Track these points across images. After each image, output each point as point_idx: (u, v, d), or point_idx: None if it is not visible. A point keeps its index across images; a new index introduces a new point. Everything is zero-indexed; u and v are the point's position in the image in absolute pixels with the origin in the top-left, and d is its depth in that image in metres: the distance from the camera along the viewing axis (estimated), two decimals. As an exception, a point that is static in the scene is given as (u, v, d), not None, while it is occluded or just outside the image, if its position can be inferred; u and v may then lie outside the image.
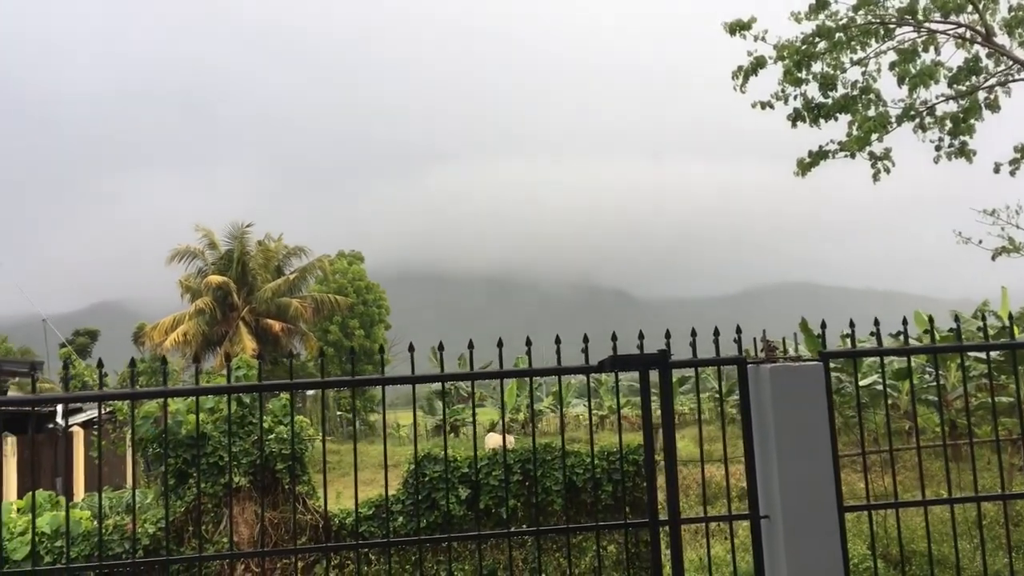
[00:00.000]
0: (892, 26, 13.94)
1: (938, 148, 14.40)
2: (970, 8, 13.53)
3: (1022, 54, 13.47)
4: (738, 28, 14.01)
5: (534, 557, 9.65)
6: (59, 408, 21.12)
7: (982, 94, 13.99)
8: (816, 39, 13.95)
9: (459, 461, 10.15)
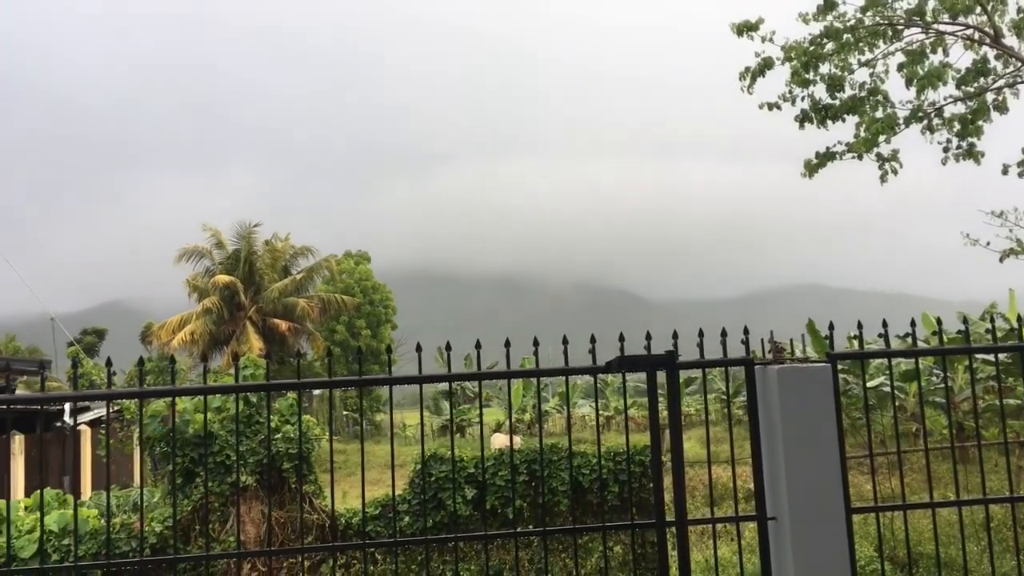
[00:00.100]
0: (900, 27, 13.91)
1: (946, 150, 14.37)
2: (978, 10, 13.49)
3: (1031, 55, 13.43)
4: (746, 29, 13.99)
5: (540, 557, 9.65)
6: (67, 407, 21.20)
7: (990, 96, 13.95)
8: (824, 40, 13.92)
9: (465, 461, 10.14)
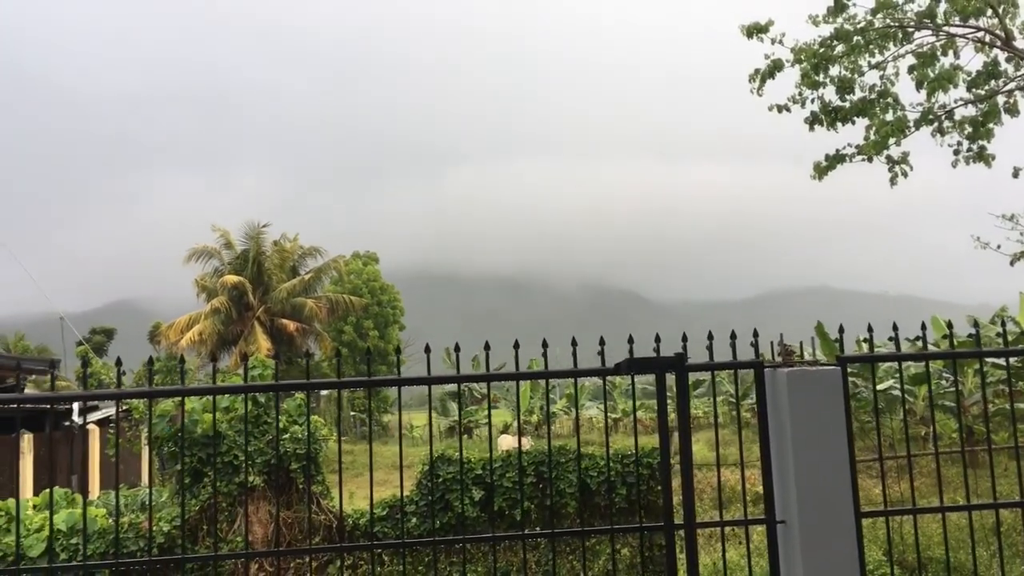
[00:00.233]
0: (911, 30, 13.87)
1: (956, 152, 14.32)
2: (989, 12, 13.44)
3: (1041, 58, 13.38)
4: (755, 31, 13.97)
5: (548, 560, 9.63)
6: (75, 406, 21.26)
7: (1001, 98, 13.90)
8: (834, 42, 13.89)
9: (473, 463, 10.14)
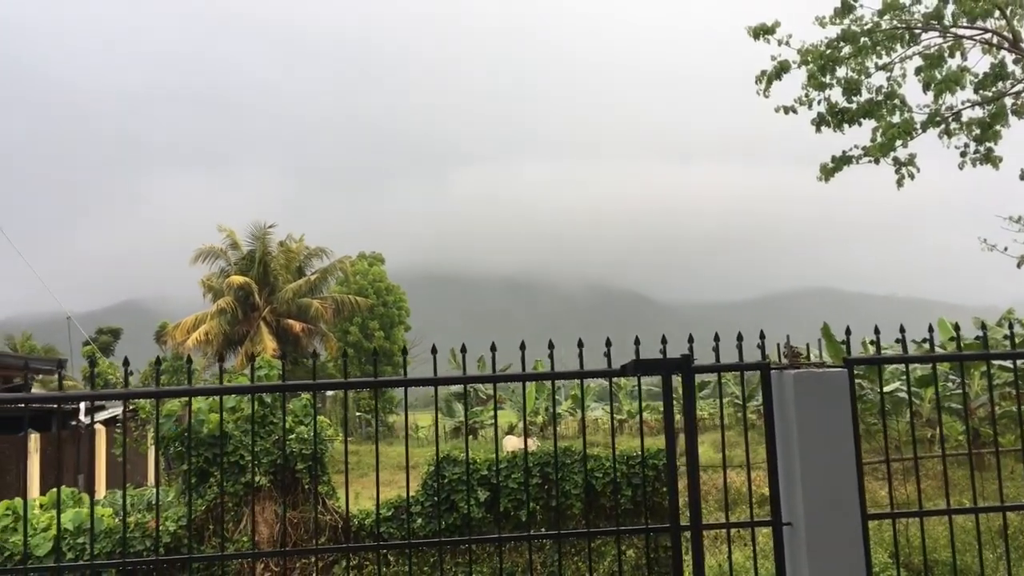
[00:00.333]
0: (918, 31, 13.83)
1: (963, 154, 14.26)
2: (997, 13, 13.40)
3: (1050, 60, 13.33)
4: (762, 32, 13.95)
5: (553, 561, 9.64)
6: (82, 405, 21.35)
7: (1008, 100, 13.84)
8: (841, 44, 13.86)
9: (479, 463, 10.15)
